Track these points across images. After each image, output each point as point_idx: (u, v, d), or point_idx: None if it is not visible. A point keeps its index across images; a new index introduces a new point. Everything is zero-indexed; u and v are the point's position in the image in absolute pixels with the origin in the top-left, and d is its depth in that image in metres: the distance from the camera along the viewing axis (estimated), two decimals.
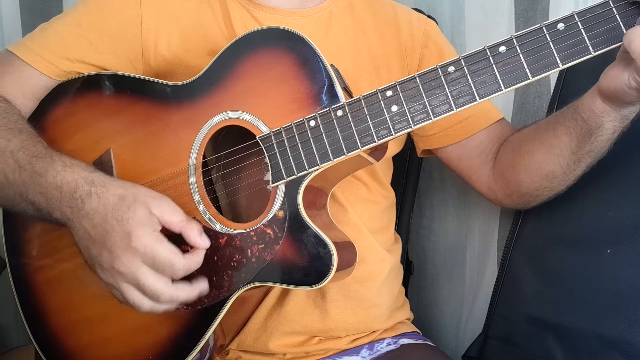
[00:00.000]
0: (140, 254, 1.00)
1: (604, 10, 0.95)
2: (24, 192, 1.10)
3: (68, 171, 1.07)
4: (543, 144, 1.25)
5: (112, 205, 1.03)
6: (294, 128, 1.08)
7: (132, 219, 1.01)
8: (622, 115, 1.10)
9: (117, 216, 1.02)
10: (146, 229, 1.01)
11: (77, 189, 1.05)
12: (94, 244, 1.03)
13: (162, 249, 1.01)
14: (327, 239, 1.06)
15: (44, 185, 1.07)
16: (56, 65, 1.27)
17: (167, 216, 1.05)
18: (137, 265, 1.00)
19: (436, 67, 1.01)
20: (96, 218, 1.03)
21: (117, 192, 1.04)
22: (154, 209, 1.04)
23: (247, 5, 1.34)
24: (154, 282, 1.01)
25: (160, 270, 1.01)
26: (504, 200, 1.42)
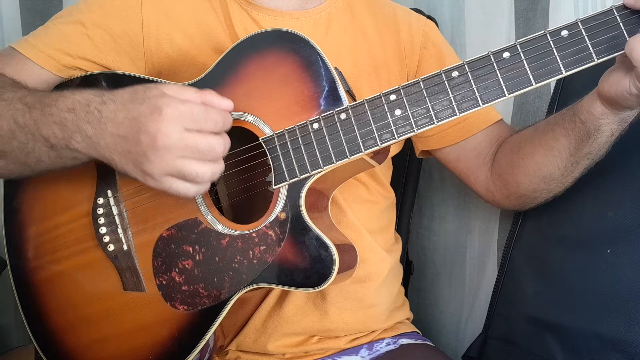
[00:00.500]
0: (178, 115, 0.97)
1: (608, 18, 0.95)
2: (35, 130, 1.07)
3: (76, 93, 1.05)
4: (542, 146, 1.25)
5: (128, 98, 1.01)
6: (297, 130, 1.08)
7: (153, 95, 0.99)
8: (621, 119, 1.10)
9: (138, 100, 1.00)
10: (168, 96, 0.99)
11: (90, 103, 1.02)
12: (128, 142, 1.00)
13: (194, 106, 0.99)
14: (329, 241, 1.06)
15: (55, 113, 1.05)
16: (57, 60, 1.27)
17: (180, 94, 1.01)
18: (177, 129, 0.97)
19: (440, 71, 1.01)
20: (119, 115, 1.00)
21: (128, 89, 1.02)
22: (166, 89, 1.01)
23: (246, 6, 1.34)
24: (203, 169, 0.99)
25: (203, 157, 1.00)
26: (502, 202, 1.42)
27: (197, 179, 1.00)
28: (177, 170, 0.98)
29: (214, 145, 1.00)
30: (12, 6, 1.88)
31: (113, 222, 1.20)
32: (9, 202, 1.29)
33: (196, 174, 0.99)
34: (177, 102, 0.98)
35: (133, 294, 1.19)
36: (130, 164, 1.01)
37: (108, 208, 1.21)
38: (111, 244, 1.20)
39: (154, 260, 1.18)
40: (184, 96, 1.00)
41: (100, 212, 1.21)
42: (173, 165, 0.98)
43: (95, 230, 1.21)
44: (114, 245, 1.20)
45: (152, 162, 0.98)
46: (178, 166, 0.98)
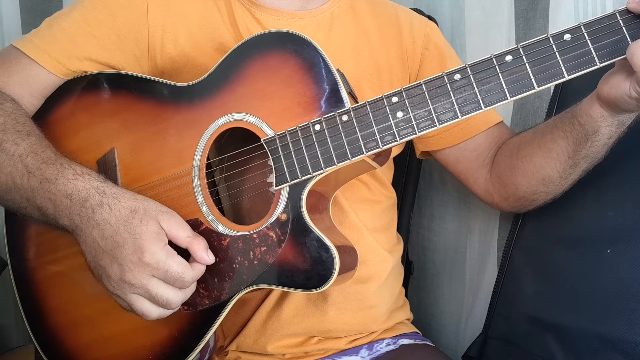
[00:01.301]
0: (152, 269, 1.02)
1: (611, 22, 0.95)
2: (31, 197, 1.10)
3: (79, 180, 1.08)
4: (540, 148, 1.25)
5: (124, 218, 1.04)
6: (299, 132, 1.08)
7: (144, 233, 1.03)
8: (619, 121, 1.10)
9: (129, 229, 1.03)
10: (158, 244, 1.03)
11: (88, 198, 1.06)
12: (103, 255, 1.04)
13: (174, 264, 1.03)
14: (330, 242, 1.06)
15: (53, 192, 1.08)
16: (64, 64, 1.27)
17: (175, 231, 1.06)
18: (147, 278, 1.02)
19: (442, 74, 1.01)
20: (107, 229, 1.04)
21: (129, 205, 1.05)
22: (163, 222, 1.05)
23: (249, 6, 1.34)
24: (165, 292, 1.04)
25: (170, 282, 1.04)
26: (501, 204, 1.42)
27: (164, 304, 1.06)
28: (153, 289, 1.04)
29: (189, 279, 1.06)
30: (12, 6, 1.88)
31: None
32: None
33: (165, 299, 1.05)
34: (161, 253, 1.03)
35: None
36: (94, 268, 1.08)
37: None
38: None
39: None
40: (174, 234, 1.07)
41: None
42: (150, 283, 1.04)
43: None
44: None
45: (112, 284, 1.05)
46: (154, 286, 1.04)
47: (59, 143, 1.23)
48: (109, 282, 1.05)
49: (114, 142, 1.22)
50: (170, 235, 1.06)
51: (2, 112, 1.19)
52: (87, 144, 1.24)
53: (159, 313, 1.06)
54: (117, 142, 1.22)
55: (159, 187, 1.18)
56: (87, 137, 1.25)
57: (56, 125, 1.27)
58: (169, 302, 1.04)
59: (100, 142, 1.23)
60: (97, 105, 1.26)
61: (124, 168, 1.21)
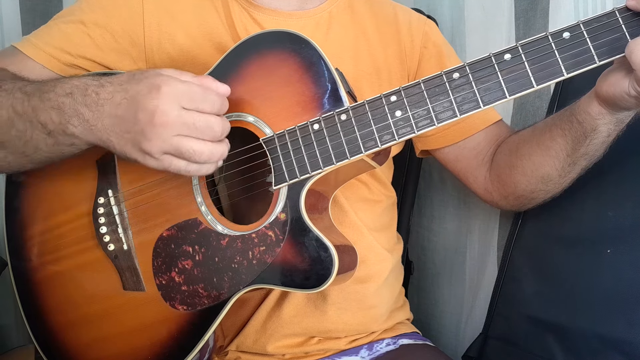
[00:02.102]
0: (172, 127, 0.98)
1: (610, 20, 0.95)
2: (33, 117, 1.07)
3: (74, 79, 1.07)
4: (539, 146, 1.25)
5: (125, 80, 1.02)
6: (298, 131, 1.08)
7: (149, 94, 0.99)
8: (618, 119, 1.10)
9: (137, 79, 1.01)
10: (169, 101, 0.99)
11: (87, 87, 1.03)
12: (126, 122, 1.00)
13: (197, 116, 1.00)
14: (329, 242, 1.06)
15: (53, 99, 1.05)
16: (57, 58, 1.27)
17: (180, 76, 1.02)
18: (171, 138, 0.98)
19: (441, 73, 1.01)
20: (116, 96, 1.01)
21: (125, 73, 1.04)
22: (164, 71, 1.02)
23: (246, 6, 1.34)
24: (200, 146, 1.00)
25: (201, 135, 1.00)
26: (500, 202, 1.42)
27: (195, 157, 1.00)
28: (175, 147, 0.99)
29: (211, 123, 1.01)
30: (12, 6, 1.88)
31: (113, 221, 1.20)
32: (9, 201, 1.29)
33: (193, 151, 0.99)
34: (176, 81, 0.99)
35: (133, 293, 1.19)
36: (128, 145, 1.02)
37: (108, 208, 1.21)
38: (111, 243, 1.20)
39: (154, 260, 1.18)
40: (182, 77, 1.01)
41: (101, 211, 1.21)
42: (171, 143, 0.99)
43: (96, 229, 1.21)
44: (114, 244, 1.20)
45: (150, 140, 0.99)
46: (175, 144, 0.99)
47: None
48: (145, 139, 0.99)
49: None
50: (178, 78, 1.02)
51: None
52: None
53: (196, 168, 1.02)
54: None
55: (158, 187, 1.18)
56: None
57: None
58: (200, 152, 1.00)
59: None
60: None
61: (123, 168, 1.21)
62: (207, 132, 1.00)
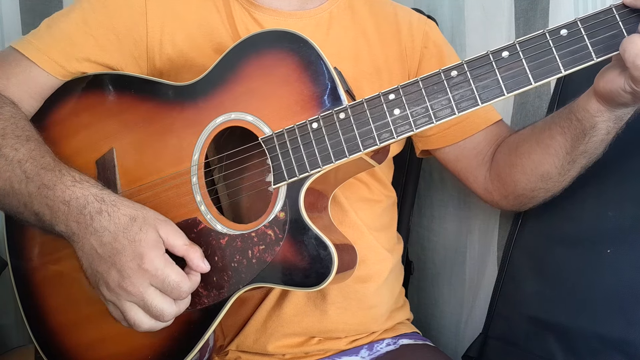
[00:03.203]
0: (150, 276, 1.02)
1: (607, 17, 0.95)
2: (28, 202, 1.10)
3: (78, 187, 1.08)
4: (539, 144, 1.25)
5: (123, 225, 1.04)
6: (297, 130, 1.08)
7: (144, 241, 1.03)
8: (616, 116, 1.10)
9: (128, 236, 1.03)
10: (157, 252, 1.03)
11: (87, 205, 1.06)
12: (100, 261, 1.04)
13: (172, 273, 1.03)
14: (328, 240, 1.06)
15: (51, 198, 1.07)
16: (63, 66, 1.27)
17: (172, 239, 1.06)
18: (145, 286, 1.02)
19: (439, 71, 1.01)
20: (106, 236, 1.04)
21: (128, 212, 1.05)
22: (161, 230, 1.05)
23: (247, 6, 1.34)
24: (161, 302, 1.03)
25: (167, 292, 1.04)
26: (500, 202, 1.42)
27: (158, 315, 1.05)
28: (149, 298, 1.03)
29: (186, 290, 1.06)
30: (12, 6, 1.88)
31: None
32: None
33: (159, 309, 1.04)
34: (160, 261, 1.03)
35: None
36: (90, 275, 1.08)
37: None
38: None
39: None
40: (171, 242, 1.06)
41: None
42: (125, 306, 1.04)
43: None
44: None
45: (108, 291, 1.05)
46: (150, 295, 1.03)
47: (57, 144, 1.23)
48: (106, 288, 1.05)
49: (113, 143, 1.22)
50: (168, 243, 1.06)
51: (1, 116, 1.18)
52: (86, 145, 1.24)
53: (150, 325, 1.05)
54: (115, 142, 1.22)
55: (158, 187, 1.18)
56: (85, 138, 1.25)
57: (55, 126, 1.28)
58: (163, 313, 1.04)
59: (99, 143, 1.23)
60: (96, 105, 1.26)
61: (123, 168, 1.21)
62: (174, 293, 1.04)
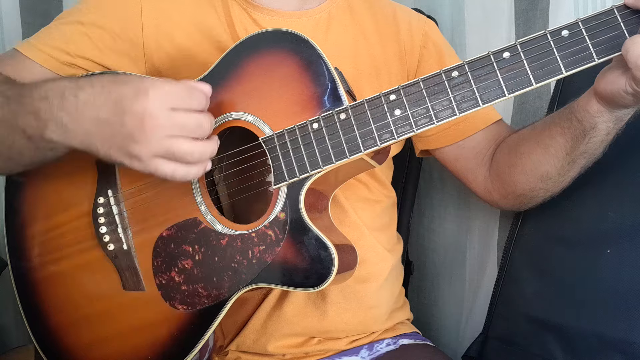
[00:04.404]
0: (164, 128, 0.97)
1: (609, 17, 0.95)
2: (13, 122, 1.05)
3: (51, 81, 1.05)
4: (539, 145, 1.25)
5: (109, 80, 1.00)
6: (297, 130, 1.08)
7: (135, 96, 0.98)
8: (617, 117, 1.10)
9: (120, 80, 1.00)
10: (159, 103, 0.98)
11: (65, 89, 1.01)
12: (110, 125, 0.98)
13: (186, 116, 0.99)
14: (328, 241, 1.06)
15: (29, 103, 1.03)
16: (56, 58, 1.26)
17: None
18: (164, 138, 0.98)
19: (440, 71, 1.01)
20: (99, 99, 0.99)
21: (105, 75, 1.03)
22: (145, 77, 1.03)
23: (246, 7, 1.33)
24: (185, 144, 0.99)
25: (192, 134, 1.00)
26: (500, 202, 1.42)
27: (187, 157, 1.00)
28: (166, 149, 0.98)
29: (201, 121, 1.01)
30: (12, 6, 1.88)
31: (113, 221, 1.20)
32: (9, 201, 1.29)
33: (184, 152, 0.99)
34: (161, 82, 0.99)
35: (133, 293, 1.19)
36: (114, 149, 1.00)
37: (108, 207, 1.21)
38: (111, 243, 1.20)
39: (154, 260, 1.18)
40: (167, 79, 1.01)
41: (101, 211, 1.21)
42: (162, 145, 0.98)
43: (95, 229, 1.21)
44: (113, 244, 1.20)
45: (140, 144, 0.98)
46: (167, 146, 0.98)
47: None
48: (134, 143, 0.98)
49: None
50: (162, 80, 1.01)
51: None
52: None
53: (185, 171, 1.01)
54: None
55: (158, 187, 1.18)
56: None
57: None
58: (192, 152, 0.99)
59: None
60: None
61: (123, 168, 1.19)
62: (197, 130, 1.00)
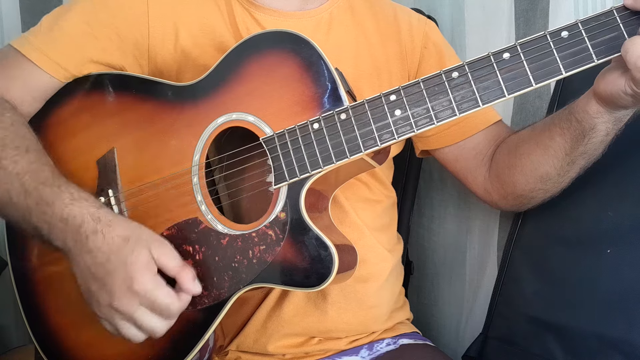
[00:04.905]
0: (140, 297, 1.02)
1: (608, 19, 0.95)
2: (27, 216, 1.10)
3: (76, 205, 1.08)
4: (538, 145, 1.25)
5: (116, 246, 1.04)
6: (298, 130, 1.08)
7: (135, 263, 1.03)
8: (616, 118, 1.10)
9: (120, 258, 1.03)
10: (147, 274, 1.03)
11: (83, 224, 1.06)
12: (93, 280, 1.05)
13: (161, 294, 1.03)
14: (329, 241, 1.06)
15: (49, 214, 1.08)
16: (66, 69, 1.26)
17: (165, 260, 1.06)
18: (135, 306, 1.03)
19: (440, 72, 1.02)
20: (99, 256, 1.04)
21: (122, 233, 1.05)
22: (153, 250, 1.05)
23: (248, 6, 1.33)
24: (151, 321, 1.04)
25: (157, 312, 1.04)
26: (500, 202, 1.42)
27: (149, 332, 1.07)
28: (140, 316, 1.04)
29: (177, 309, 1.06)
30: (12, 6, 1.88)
31: None
32: None
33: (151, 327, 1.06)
34: (150, 283, 1.03)
35: None
36: (84, 292, 1.09)
37: (109, 207, 1.19)
38: None
39: None
40: (163, 263, 1.06)
41: None
42: (118, 323, 1.05)
43: None
44: None
45: (100, 308, 1.06)
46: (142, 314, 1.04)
47: (58, 144, 1.24)
48: (97, 307, 1.06)
49: (114, 142, 1.22)
50: (160, 263, 1.05)
51: (1, 124, 1.18)
52: (87, 145, 1.24)
53: (145, 337, 1.07)
54: (116, 142, 1.22)
55: (159, 187, 1.18)
56: (86, 138, 1.25)
57: (56, 127, 1.27)
58: (154, 331, 1.05)
59: (100, 143, 1.23)
60: (97, 105, 1.26)
61: (124, 168, 1.21)
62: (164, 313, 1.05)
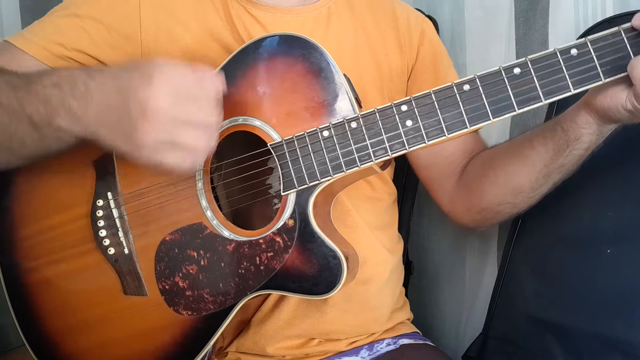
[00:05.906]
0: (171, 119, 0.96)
1: (616, 39, 0.97)
2: (19, 109, 1.04)
3: (62, 70, 1.05)
4: (516, 155, 1.26)
5: (118, 67, 1.00)
6: (307, 137, 1.08)
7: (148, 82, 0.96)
8: (601, 131, 1.11)
9: (129, 67, 0.99)
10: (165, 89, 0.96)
11: (77, 77, 1.00)
12: (116, 111, 0.97)
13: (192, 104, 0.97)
14: (338, 249, 1.06)
15: (40, 90, 1.02)
16: (50, 50, 1.24)
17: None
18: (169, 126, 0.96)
19: (451, 84, 1.02)
20: (107, 85, 0.98)
21: (116, 65, 1.03)
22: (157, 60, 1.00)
23: (244, 3, 1.32)
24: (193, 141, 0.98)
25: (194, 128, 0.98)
26: (462, 215, 1.42)
27: (190, 148, 0.98)
28: (170, 139, 0.96)
29: (206, 112, 0.99)
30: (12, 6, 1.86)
31: (113, 225, 1.19)
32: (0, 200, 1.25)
33: (188, 142, 0.97)
34: (168, 67, 0.97)
35: (134, 298, 1.18)
36: (119, 137, 0.99)
37: (108, 210, 1.19)
38: (111, 247, 1.18)
39: (157, 265, 1.17)
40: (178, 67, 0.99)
41: (100, 214, 1.19)
42: (165, 134, 0.96)
43: (95, 232, 1.19)
44: (114, 248, 1.18)
45: (143, 131, 0.95)
46: (170, 135, 0.96)
47: None
48: (137, 131, 0.95)
49: None
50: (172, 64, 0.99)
51: None
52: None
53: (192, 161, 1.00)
54: None
55: (160, 191, 1.17)
56: None
57: None
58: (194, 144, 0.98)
59: None
60: None
61: (123, 170, 1.19)
62: (203, 120, 0.98)
